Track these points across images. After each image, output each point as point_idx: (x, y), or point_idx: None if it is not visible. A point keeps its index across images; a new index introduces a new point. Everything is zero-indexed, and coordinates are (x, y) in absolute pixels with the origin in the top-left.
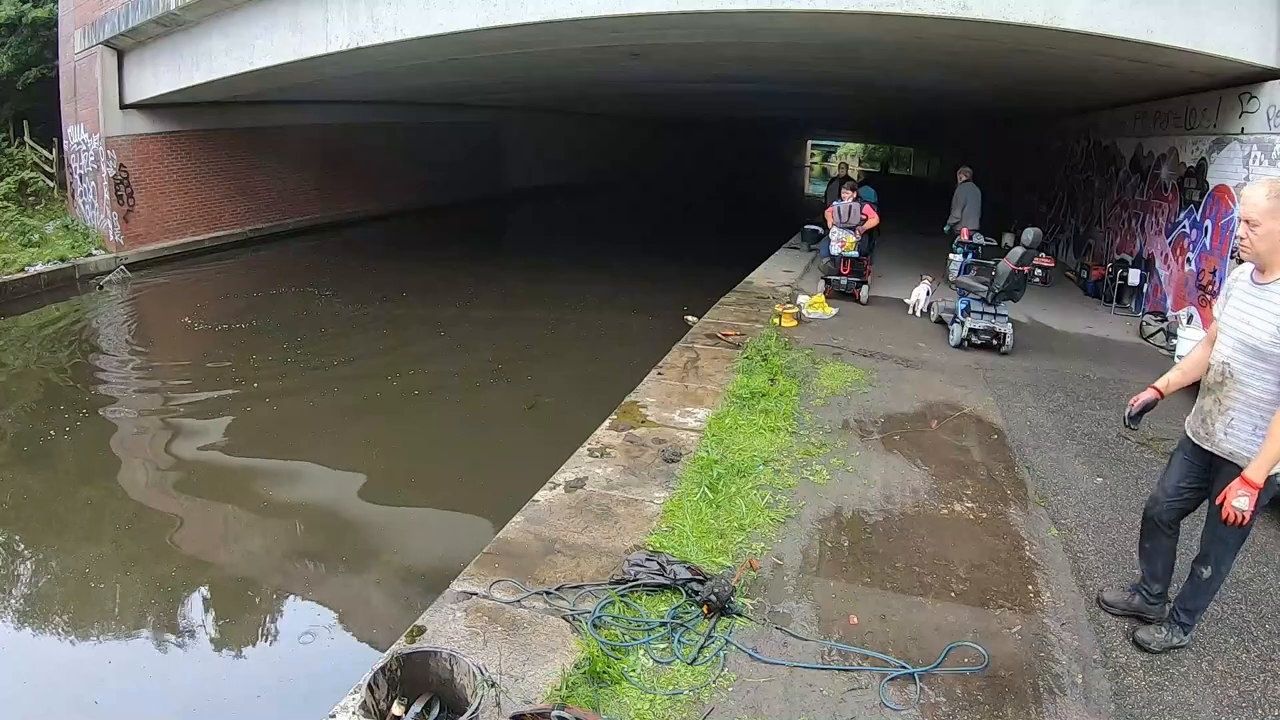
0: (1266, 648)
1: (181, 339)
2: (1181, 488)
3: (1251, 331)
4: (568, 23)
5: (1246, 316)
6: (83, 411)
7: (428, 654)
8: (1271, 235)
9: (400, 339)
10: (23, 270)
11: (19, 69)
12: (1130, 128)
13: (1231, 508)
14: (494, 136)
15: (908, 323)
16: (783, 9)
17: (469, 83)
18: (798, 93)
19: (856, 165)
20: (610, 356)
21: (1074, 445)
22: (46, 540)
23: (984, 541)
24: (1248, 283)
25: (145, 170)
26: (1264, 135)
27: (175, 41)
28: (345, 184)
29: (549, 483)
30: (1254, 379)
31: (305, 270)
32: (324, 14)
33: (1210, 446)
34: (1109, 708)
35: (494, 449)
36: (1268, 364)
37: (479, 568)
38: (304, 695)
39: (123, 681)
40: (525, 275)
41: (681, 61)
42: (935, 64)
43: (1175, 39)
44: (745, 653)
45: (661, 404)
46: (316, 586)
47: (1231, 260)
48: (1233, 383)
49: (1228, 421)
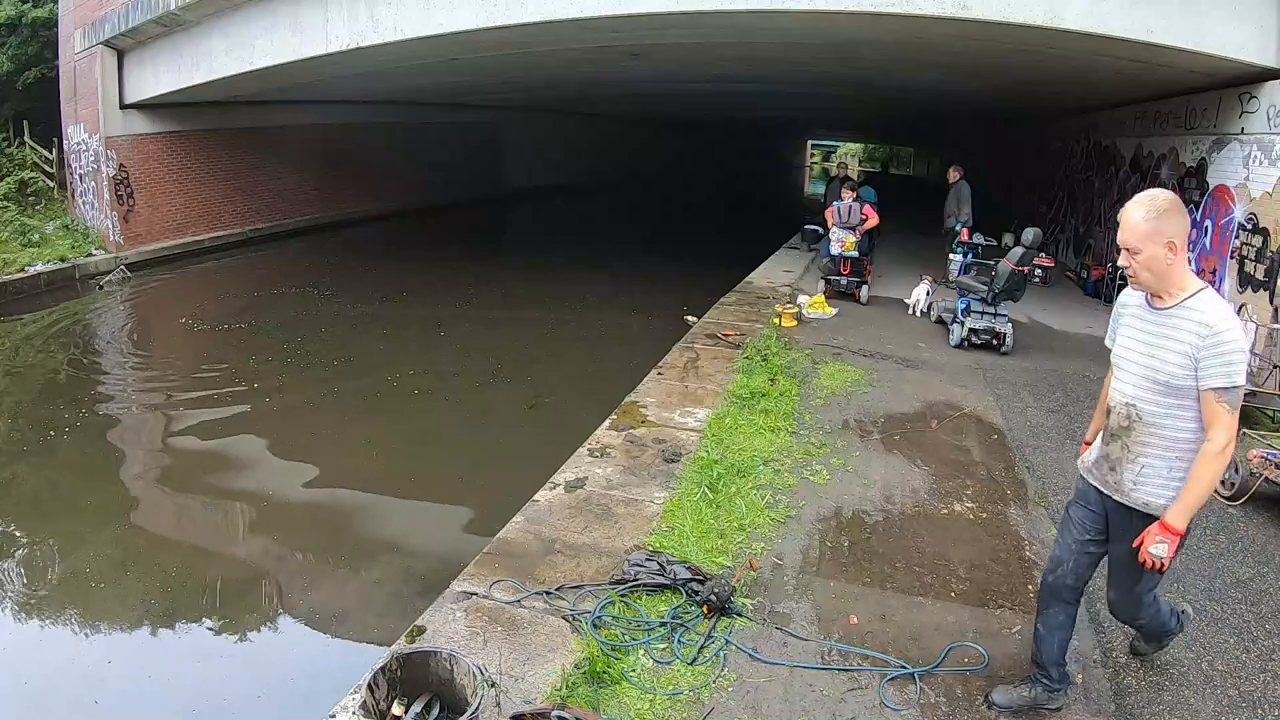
0: (1266, 648)
1: (181, 339)
2: (1086, 542)
3: (1159, 365)
4: (568, 23)
5: (1150, 349)
6: (82, 411)
7: (428, 654)
8: (1155, 261)
9: (400, 339)
10: (23, 270)
11: (19, 69)
12: (1130, 128)
13: (1149, 555)
14: (494, 136)
15: (908, 323)
16: (782, 9)
17: (469, 83)
18: (798, 93)
19: (856, 165)
20: (610, 356)
21: (1074, 445)
22: (46, 540)
23: (984, 541)
24: (1143, 308)
25: (145, 170)
26: (1264, 135)
27: (175, 41)
28: (345, 184)
29: (549, 483)
30: (1167, 418)
31: (305, 270)
32: (324, 14)
33: (1120, 497)
34: (1109, 708)
35: (494, 449)
36: (1181, 400)
37: (479, 568)
38: (304, 695)
39: (123, 681)
40: (525, 275)
41: (681, 61)
42: (935, 64)
43: (1175, 39)
44: (745, 653)
45: (661, 404)
46: (317, 586)
47: (1231, 260)
48: (1142, 426)
49: (1138, 470)
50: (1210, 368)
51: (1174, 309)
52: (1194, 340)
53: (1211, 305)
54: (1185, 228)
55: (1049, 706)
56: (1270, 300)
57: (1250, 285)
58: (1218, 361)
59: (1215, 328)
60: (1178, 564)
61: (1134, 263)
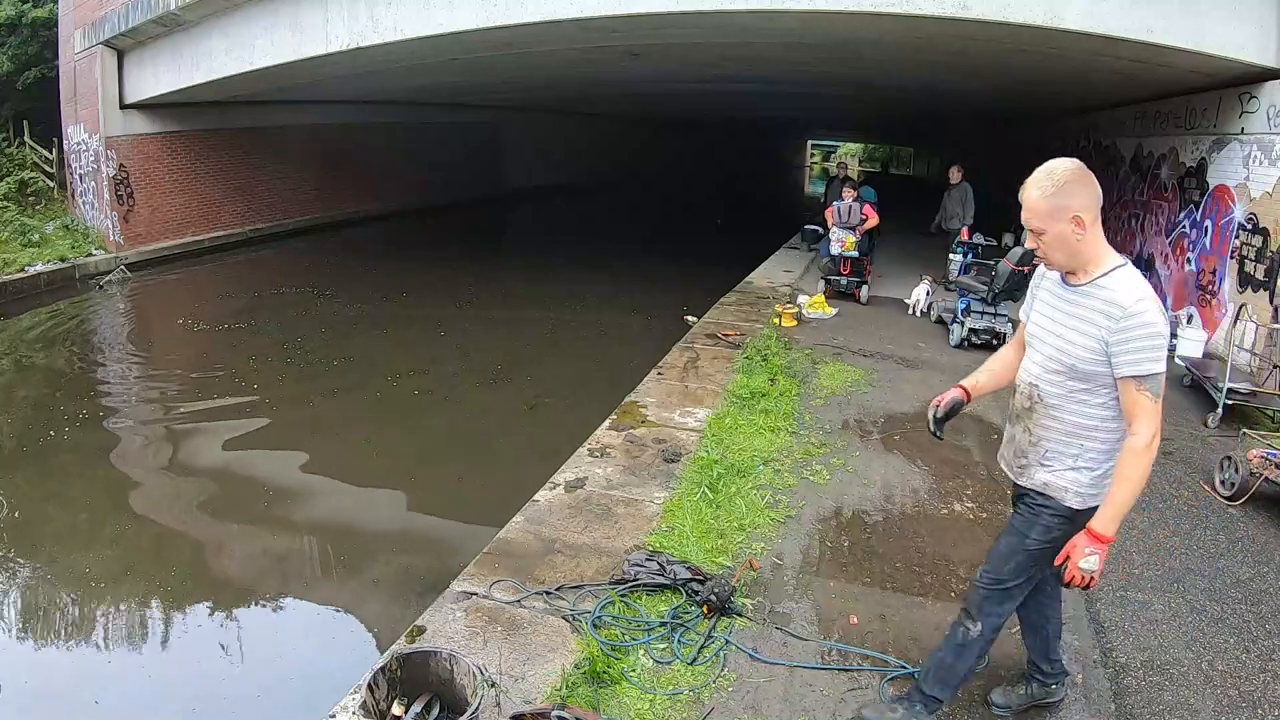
0: (1266, 648)
1: (181, 339)
2: None
3: (1066, 346)
4: (568, 23)
5: (1059, 327)
6: (82, 412)
7: (428, 654)
8: (1063, 239)
9: (400, 339)
10: (23, 270)
11: (19, 69)
12: (1130, 128)
13: (1077, 570)
14: (494, 136)
15: (908, 323)
16: (782, 9)
17: (469, 83)
18: (798, 93)
19: (856, 165)
20: (610, 356)
21: None
22: (46, 540)
23: (984, 541)
24: (1057, 283)
25: (145, 170)
26: (1264, 135)
27: (175, 41)
28: (345, 184)
29: (549, 483)
30: (1070, 402)
31: (305, 270)
32: (324, 14)
33: (1025, 481)
34: (1109, 708)
35: (494, 449)
36: (1088, 384)
37: (479, 568)
38: (304, 695)
39: (123, 681)
40: (525, 275)
41: (681, 61)
42: (935, 64)
43: (1175, 39)
44: (745, 653)
45: (661, 404)
46: (317, 586)
47: (1231, 260)
48: (1043, 409)
49: (1041, 454)
50: (1124, 354)
51: (1086, 286)
52: (1105, 322)
53: (1126, 284)
54: (1093, 198)
55: (1048, 701)
56: (1270, 300)
57: (1250, 285)
58: (1131, 346)
59: (1128, 309)
60: (1178, 564)
61: (1041, 243)
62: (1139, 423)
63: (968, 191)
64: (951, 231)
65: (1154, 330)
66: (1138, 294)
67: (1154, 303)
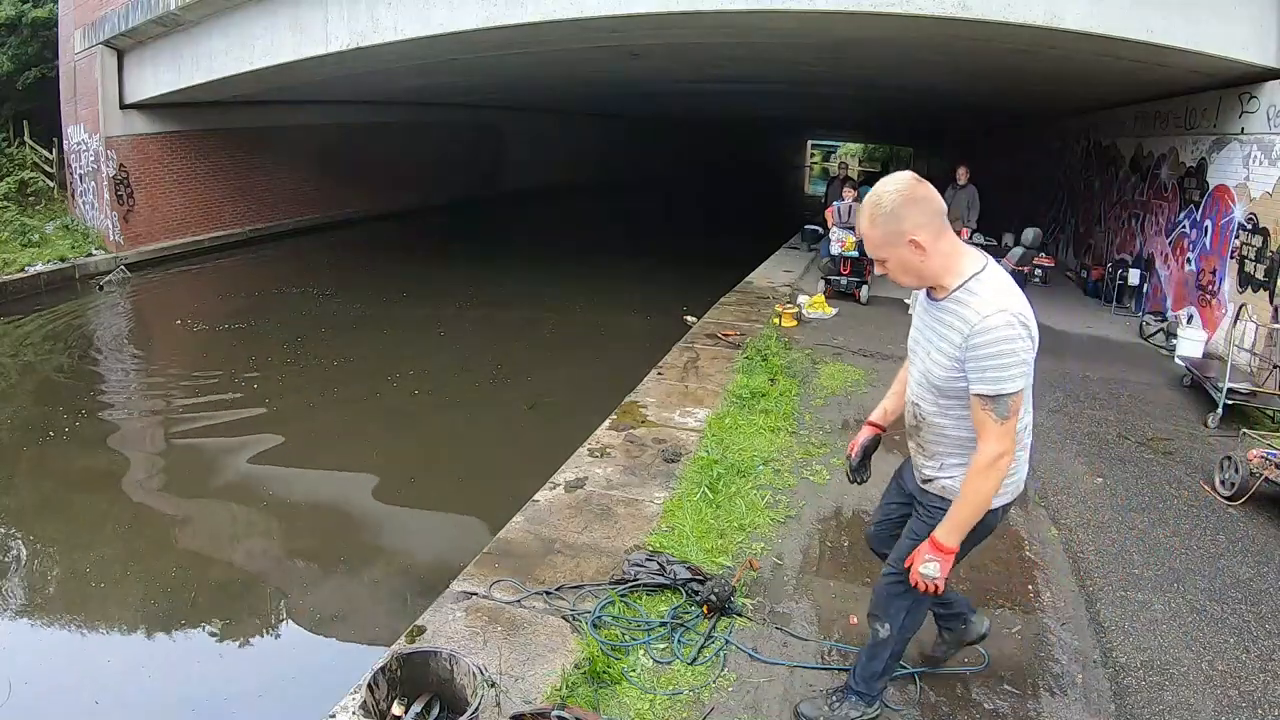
0: (1266, 648)
1: (181, 339)
2: (890, 505)
3: (931, 365)
4: (568, 23)
5: (927, 345)
6: (82, 412)
7: (428, 654)
8: (905, 264)
9: (400, 339)
10: (23, 270)
11: (19, 69)
12: (1130, 128)
13: (919, 576)
14: (494, 136)
15: (908, 322)
16: (782, 9)
17: (469, 83)
18: (798, 93)
19: (856, 165)
20: (610, 356)
21: (1074, 445)
22: (46, 540)
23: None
24: (925, 299)
25: (145, 170)
26: (1264, 135)
27: (175, 42)
28: (345, 184)
29: (549, 483)
30: (950, 418)
31: (305, 270)
32: (324, 14)
33: (927, 487)
34: (1109, 708)
35: (494, 449)
36: (961, 399)
37: (479, 568)
38: (304, 695)
39: (123, 681)
40: (526, 275)
41: (681, 61)
42: (935, 64)
43: (1175, 39)
44: (745, 653)
45: (661, 404)
46: (317, 586)
47: (1231, 260)
48: (927, 427)
49: (938, 466)
50: (973, 370)
51: (945, 302)
52: (958, 339)
53: (981, 294)
54: (928, 214)
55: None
56: (1270, 300)
57: (1250, 285)
58: (978, 365)
59: (975, 325)
60: (1178, 564)
61: (887, 270)
62: (982, 442)
63: (975, 194)
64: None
65: (1003, 347)
66: (992, 305)
67: (1011, 314)
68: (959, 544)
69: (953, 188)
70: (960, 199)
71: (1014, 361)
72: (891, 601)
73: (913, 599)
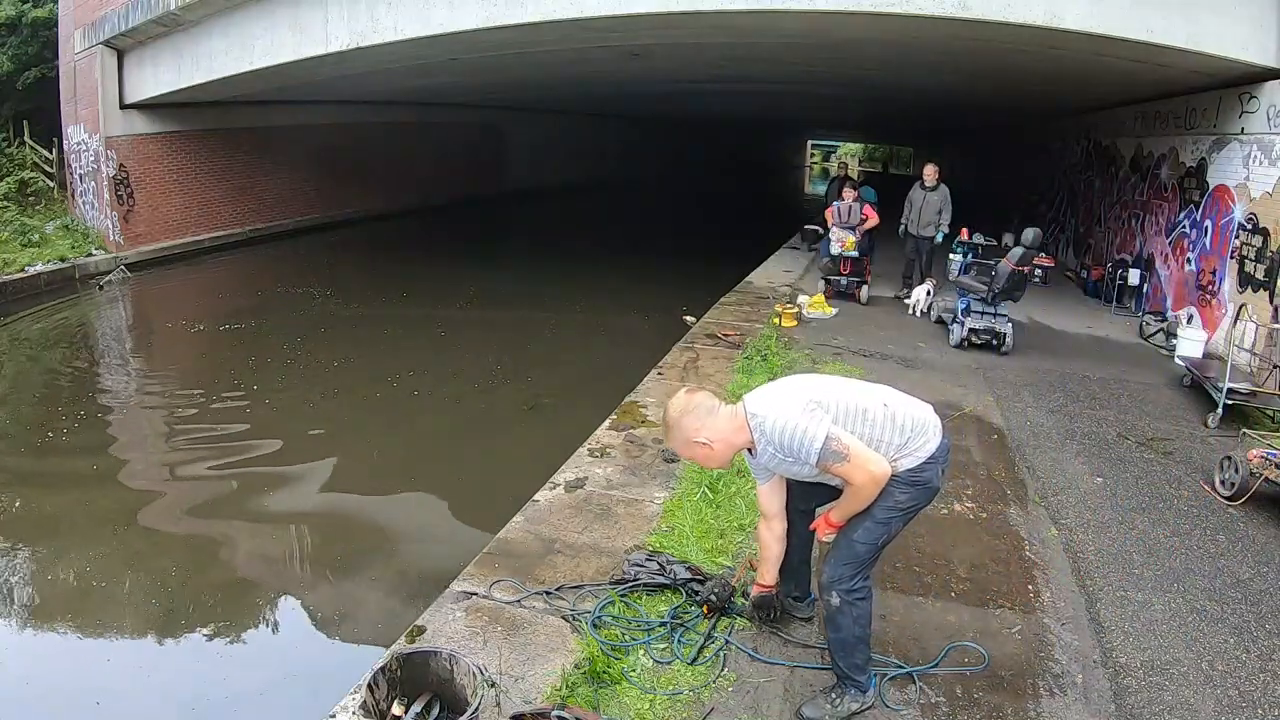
0: (1266, 648)
1: (181, 339)
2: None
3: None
4: (568, 23)
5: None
6: (81, 412)
7: (428, 654)
8: (707, 457)
9: (400, 339)
10: (23, 270)
11: (19, 69)
12: (1130, 128)
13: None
14: (494, 136)
15: (908, 323)
16: (782, 9)
17: (469, 83)
18: (798, 93)
19: (856, 165)
20: (610, 356)
21: (1074, 445)
22: (46, 541)
23: (984, 541)
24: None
25: (145, 170)
26: (1264, 135)
27: (175, 41)
28: (345, 184)
29: (549, 483)
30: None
31: (305, 270)
32: (324, 14)
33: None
34: (1109, 708)
35: (494, 449)
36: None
37: (479, 568)
38: (304, 695)
39: (123, 681)
40: (525, 275)
41: (681, 61)
42: (935, 64)
43: (1175, 39)
44: (745, 653)
45: (661, 404)
46: (316, 586)
47: (1231, 260)
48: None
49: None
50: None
51: (757, 450)
52: (782, 455)
53: (762, 423)
54: (701, 412)
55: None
56: (1270, 300)
57: (1250, 285)
58: (803, 455)
59: (768, 433)
60: (1178, 564)
61: (706, 465)
62: (851, 480)
63: (946, 195)
64: (923, 239)
65: (790, 430)
66: (775, 423)
67: (782, 412)
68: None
69: (921, 189)
70: (931, 201)
71: (802, 431)
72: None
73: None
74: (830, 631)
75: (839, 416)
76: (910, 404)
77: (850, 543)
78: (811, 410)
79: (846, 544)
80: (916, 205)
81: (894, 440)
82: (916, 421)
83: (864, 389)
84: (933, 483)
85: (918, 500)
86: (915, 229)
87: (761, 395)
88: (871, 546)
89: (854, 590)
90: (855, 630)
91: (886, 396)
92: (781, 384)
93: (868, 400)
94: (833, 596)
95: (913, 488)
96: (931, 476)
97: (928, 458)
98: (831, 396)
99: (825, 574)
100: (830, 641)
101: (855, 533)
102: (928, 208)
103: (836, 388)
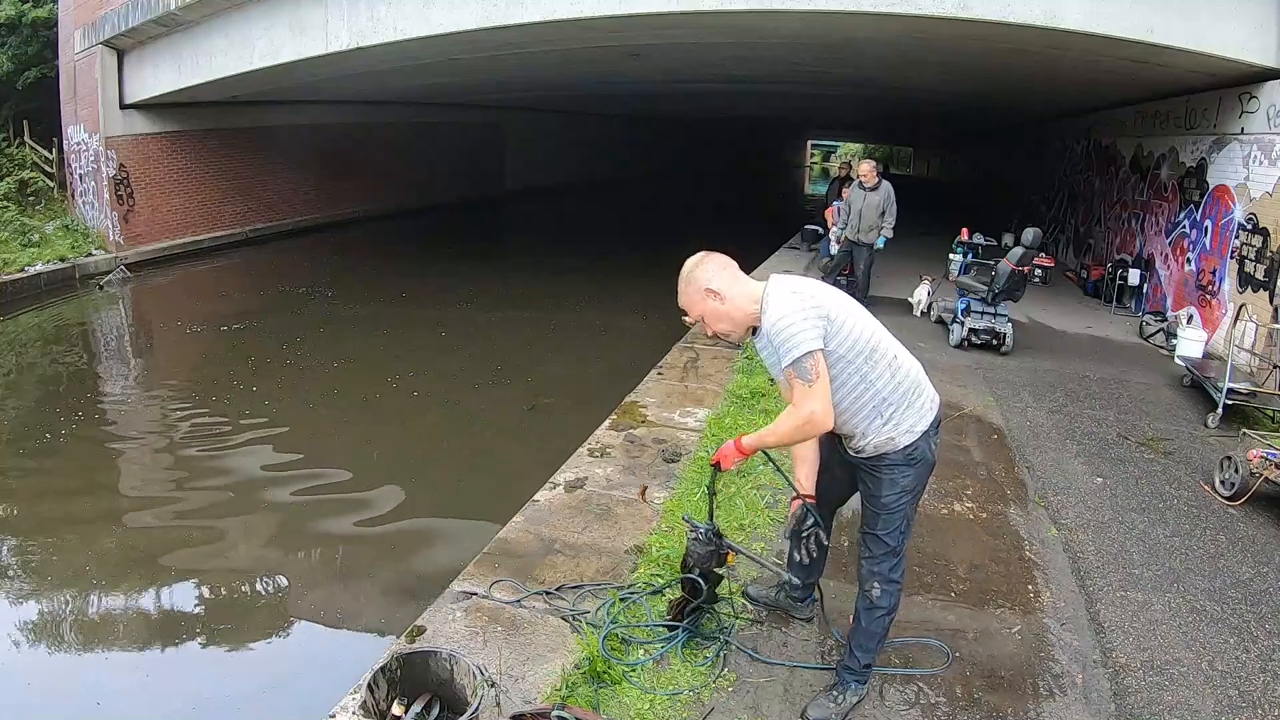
0: (1266, 648)
1: (180, 339)
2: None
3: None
4: (568, 23)
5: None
6: (80, 412)
7: (428, 654)
8: (715, 313)
9: (400, 339)
10: (22, 270)
11: (19, 69)
12: (1130, 128)
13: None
14: (494, 136)
15: (908, 323)
16: (783, 9)
17: (469, 83)
18: (798, 93)
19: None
20: (610, 356)
21: (1074, 445)
22: (46, 541)
23: (984, 541)
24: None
25: (145, 170)
26: (1264, 135)
27: (175, 41)
28: (345, 184)
29: (549, 483)
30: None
31: (305, 270)
32: (324, 14)
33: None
34: (1109, 708)
35: (494, 449)
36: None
37: (479, 568)
38: (304, 695)
39: (123, 682)
40: (525, 275)
41: (682, 62)
42: (935, 64)
43: (1175, 39)
44: (745, 653)
45: (661, 404)
46: (317, 586)
47: (1231, 260)
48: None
49: (860, 434)
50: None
51: (759, 329)
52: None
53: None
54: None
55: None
56: (1270, 300)
57: (1250, 285)
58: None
59: (764, 325)
60: (1178, 564)
61: (709, 329)
62: (795, 404)
63: (890, 194)
64: (864, 245)
65: (784, 325)
66: (776, 310)
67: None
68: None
69: (860, 189)
70: (872, 202)
71: (792, 332)
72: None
73: (897, 559)
74: (864, 622)
75: (845, 342)
76: (918, 372)
77: (876, 539)
78: (814, 320)
79: (874, 541)
80: (855, 208)
81: (885, 394)
82: (915, 387)
83: (885, 335)
84: (928, 457)
85: (920, 478)
86: (855, 234)
87: (785, 282)
88: (897, 533)
89: (892, 580)
90: (886, 621)
91: (900, 352)
92: (813, 285)
93: (883, 344)
94: (873, 588)
95: (910, 467)
96: (925, 453)
97: (920, 434)
98: (850, 320)
99: (864, 569)
100: (857, 633)
101: (876, 528)
102: (869, 210)
103: (861, 318)
